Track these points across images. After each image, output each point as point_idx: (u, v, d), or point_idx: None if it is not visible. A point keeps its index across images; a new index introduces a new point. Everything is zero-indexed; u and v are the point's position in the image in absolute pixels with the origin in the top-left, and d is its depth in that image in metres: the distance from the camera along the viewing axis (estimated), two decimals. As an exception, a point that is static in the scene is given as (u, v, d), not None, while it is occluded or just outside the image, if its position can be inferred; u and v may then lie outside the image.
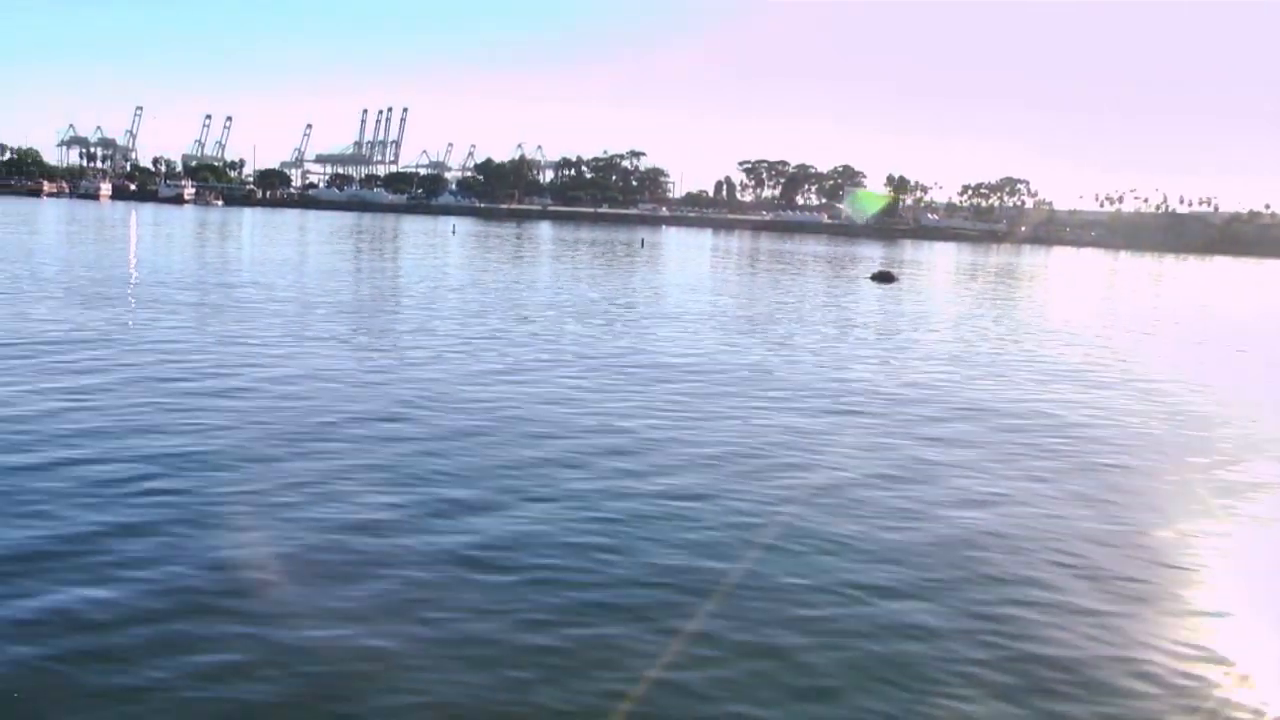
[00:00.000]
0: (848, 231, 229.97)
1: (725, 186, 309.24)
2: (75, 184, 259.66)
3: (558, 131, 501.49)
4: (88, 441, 17.16)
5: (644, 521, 14.38)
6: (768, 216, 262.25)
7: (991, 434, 21.20)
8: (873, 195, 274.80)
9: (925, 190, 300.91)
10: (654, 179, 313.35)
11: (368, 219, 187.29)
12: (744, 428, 20.72)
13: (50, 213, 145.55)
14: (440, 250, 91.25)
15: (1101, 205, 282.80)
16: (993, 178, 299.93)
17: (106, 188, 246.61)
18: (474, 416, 20.60)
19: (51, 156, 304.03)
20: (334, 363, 26.74)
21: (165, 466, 15.97)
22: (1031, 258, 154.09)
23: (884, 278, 72.60)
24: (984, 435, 21.07)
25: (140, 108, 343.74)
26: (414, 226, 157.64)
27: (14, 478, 15.03)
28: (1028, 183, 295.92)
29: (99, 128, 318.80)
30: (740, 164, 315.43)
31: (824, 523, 14.64)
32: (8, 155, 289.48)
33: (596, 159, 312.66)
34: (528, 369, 26.93)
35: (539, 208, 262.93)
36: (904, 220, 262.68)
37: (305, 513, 14.17)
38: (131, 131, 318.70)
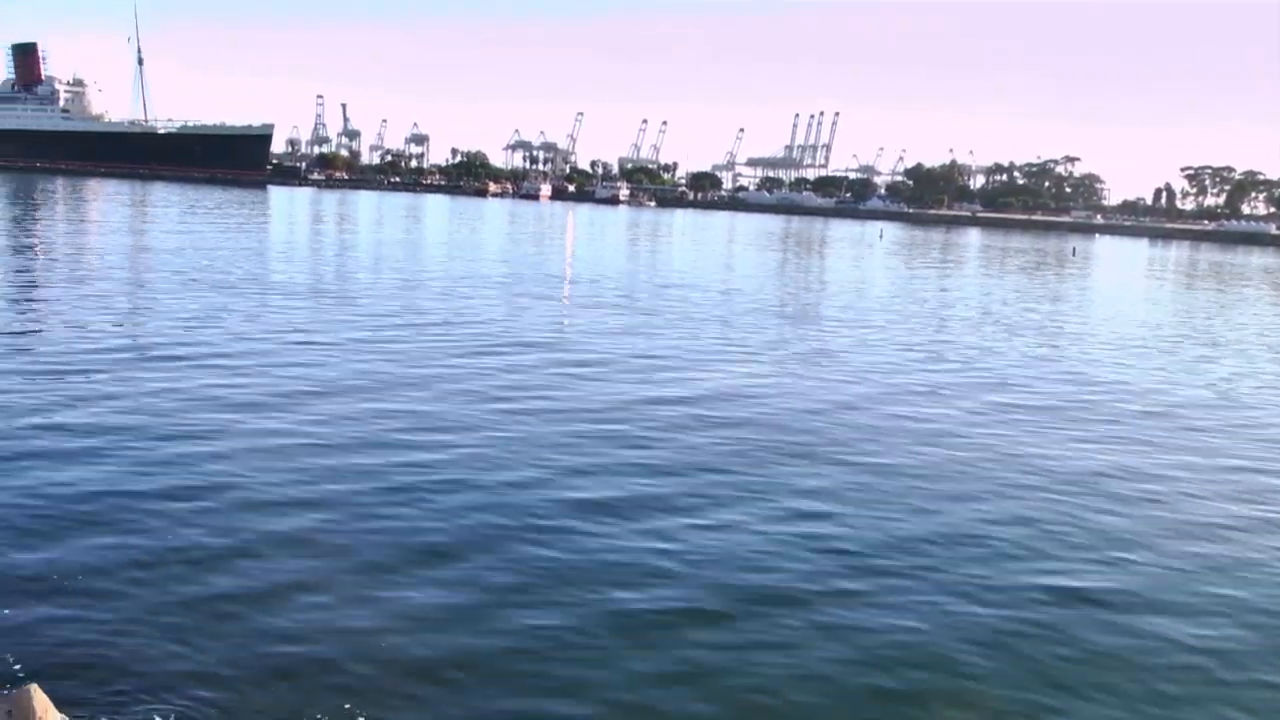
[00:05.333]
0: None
1: (1164, 193, 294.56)
2: (518, 185, 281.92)
3: (990, 136, 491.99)
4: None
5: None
6: (1209, 226, 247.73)
7: None
8: None
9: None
10: (1088, 185, 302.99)
11: (795, 222, 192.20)
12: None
13: (496, 210, 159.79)
14: (868, 257, 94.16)
15: None
16: None
17: (546, 189, 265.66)
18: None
19: (498, 159, 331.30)
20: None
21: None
22: None
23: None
24: None
25: (581, 113, 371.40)
26: (841, 231, 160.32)
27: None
28: None
29: (542, 132, 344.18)
30: (1182, 170, 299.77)
31: None
32: (459, 158, 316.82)
33: (1029, 164, 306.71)
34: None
35: (968, 214, 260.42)
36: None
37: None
38: (572, 136, 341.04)
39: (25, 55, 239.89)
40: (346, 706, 9.40)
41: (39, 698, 7.90)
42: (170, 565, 12.26)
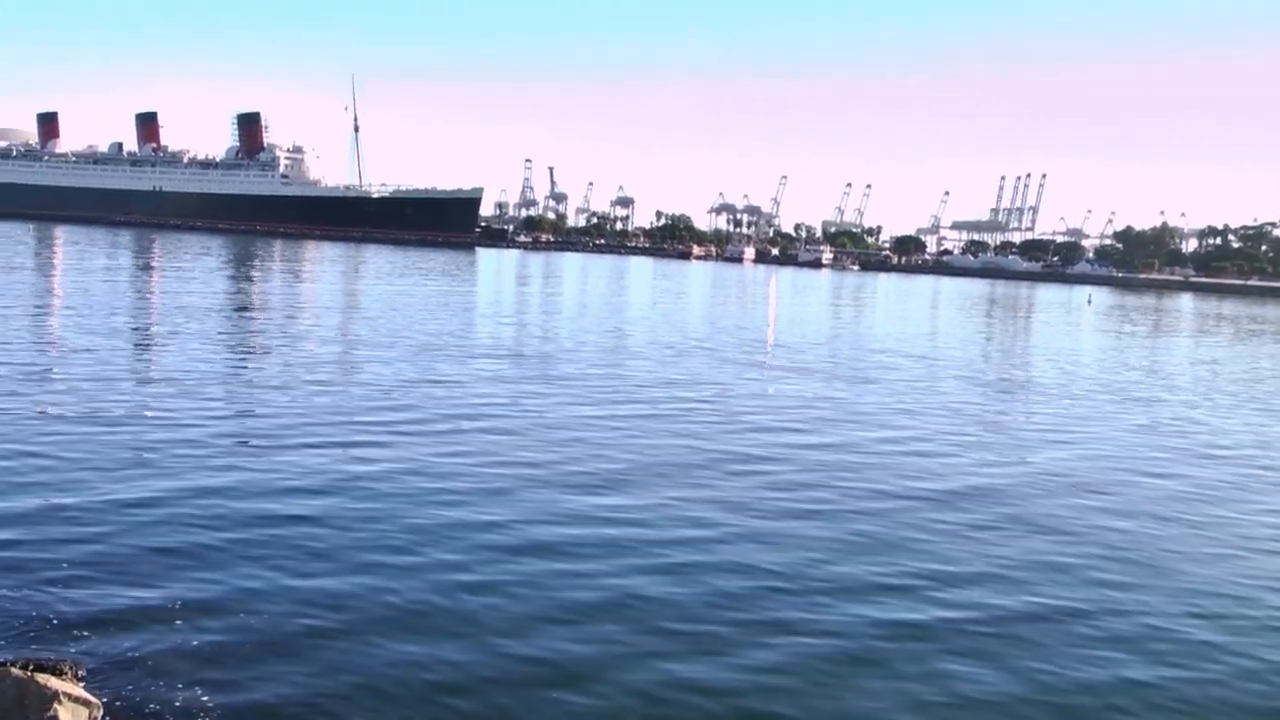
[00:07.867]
0: None
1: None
2: (721, 248, 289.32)
3: (1204, 197, 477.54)
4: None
5: None
6: None
7: None
8: None
9: None
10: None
11: (1000, 286, 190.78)
12: None
13: (701, 273, 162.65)
14: (1084, 323, 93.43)
15: None
16: None
17: (750, 251, 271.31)
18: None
19: (702, 222, 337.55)
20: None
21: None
22: None
23: None
24: None
25: (785, 177, 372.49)
26: (1048, 296, 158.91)
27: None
28: None
29: (745, 195, 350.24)
30: None
31: None
32: (663, 220, 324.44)
33: (1245, 227, 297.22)
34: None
35: (1180, 279, 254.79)
36: None
37: None
38: (776, 199, 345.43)
39: (249, 124, 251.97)
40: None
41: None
42: (418, 618, 12.82)
